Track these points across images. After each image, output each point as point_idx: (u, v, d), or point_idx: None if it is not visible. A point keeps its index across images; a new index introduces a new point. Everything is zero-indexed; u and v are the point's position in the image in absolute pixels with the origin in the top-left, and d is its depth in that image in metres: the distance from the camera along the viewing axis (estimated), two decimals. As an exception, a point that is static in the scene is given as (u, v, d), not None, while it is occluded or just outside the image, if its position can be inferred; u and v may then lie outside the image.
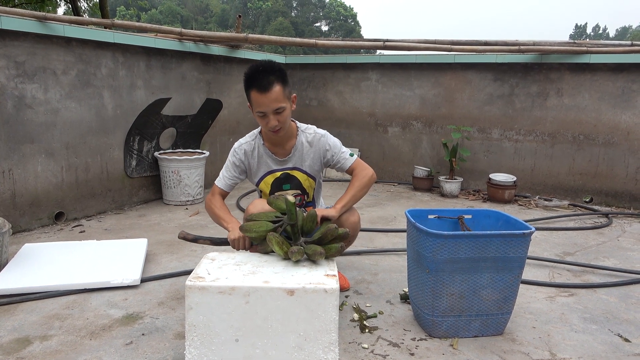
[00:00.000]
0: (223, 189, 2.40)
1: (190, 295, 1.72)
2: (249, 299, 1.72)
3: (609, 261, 3.15)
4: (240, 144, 2.40)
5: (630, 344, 2.09)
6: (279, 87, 2.12)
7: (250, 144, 2.39)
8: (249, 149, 2.38)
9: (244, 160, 2.39)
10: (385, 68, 5.67)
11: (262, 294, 1.71)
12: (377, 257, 3.15)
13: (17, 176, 3.45)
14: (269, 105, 2.11)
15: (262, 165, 2.39)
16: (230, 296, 1.72)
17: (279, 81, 2.12)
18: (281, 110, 2.15)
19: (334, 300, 1.72)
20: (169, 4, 46.80)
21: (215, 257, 2.02)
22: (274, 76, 2.11)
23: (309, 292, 1.71)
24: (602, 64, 4.56)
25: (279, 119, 2.16)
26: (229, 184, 2.41)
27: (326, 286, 1.72)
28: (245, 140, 2.41)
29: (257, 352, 1.74)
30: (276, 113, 2.14)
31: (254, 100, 2.14)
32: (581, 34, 63.33)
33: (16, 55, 3.34)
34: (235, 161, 2.38)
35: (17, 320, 2.19)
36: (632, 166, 4.60)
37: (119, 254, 2.88)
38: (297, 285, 1.72)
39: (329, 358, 1.75)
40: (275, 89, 2.10)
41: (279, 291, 1.71)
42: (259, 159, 2.39)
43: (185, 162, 4.35)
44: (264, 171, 2.40)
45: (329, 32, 50.45)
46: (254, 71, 2.12)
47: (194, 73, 4.84)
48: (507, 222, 2.23)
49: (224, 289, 1.72)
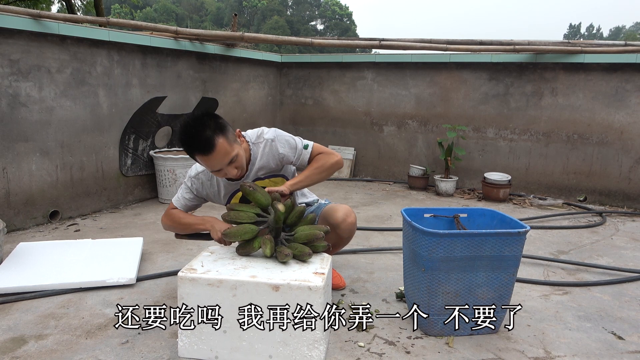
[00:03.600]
0: (180, 209, 2.27)
1: (182, 286, 1.80)
2: (236, 292, 1.77)
3: (603, 259, 3.18)
4: (197, 173, 2.24)
5: (624, 341, 2.10)
6: (222, 139, 1.92)
7: (206, 173, 2.22)
8: (206, 179, 2.24)
9: (201, 191, 2.25)
10: (380, 67, 5.68)
11: (249, 288, 1.76)
12: (372, 255, 3.16)
13: (12, 175, 3.43)
14: (220, 162, 1.95)
15: (222, 191, 2.25)
16: (219, 289, 1.78)
17: (218, 134, 1.92)
18: (235, 158, 1.99)
19: (318, 297, 1.74)
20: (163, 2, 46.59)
21: (215, 251, 2.08)
22: (210, 131, 1.90)
23: (294, 289, 1.74)
24: (596, 63, 4.59)
25: (236, 166, 2.02)
26: (188, 206, 2.27)
27: (310, 283, 1.74)
28: (201, 169, 2.23)
29: (244, 344, 1.80)
30: (231, 163, 1.99)
31: (203, 163, 1.99)
32: (575, 34, 63.61)
33: (10, 53, 3.32)
34: (193, 190, 2.25)
35: (12, 320, 2.18)
36: (626, 165, 4.63)
37: (115, 253, 2.87)
38: (282, 282, 1.75)
39: (314, 355, 1.77)
40: (219, 145, 1.91)
41: (265, 286, 1.76)
42: (218, 186, 2.24)
43: (181, 160, 4.34)
44: (226, 196, 2.27)
45: (324, 31, 50.44)
46: (187, 135, 1.92)
47: (189, 72, 4.83)
48: (502, 220, 2.25)
49: (212, 281, 1.78)
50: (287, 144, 2.20)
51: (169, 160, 4.33)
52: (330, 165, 2.21)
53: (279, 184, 2.27)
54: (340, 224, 2.27)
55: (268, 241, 1.95)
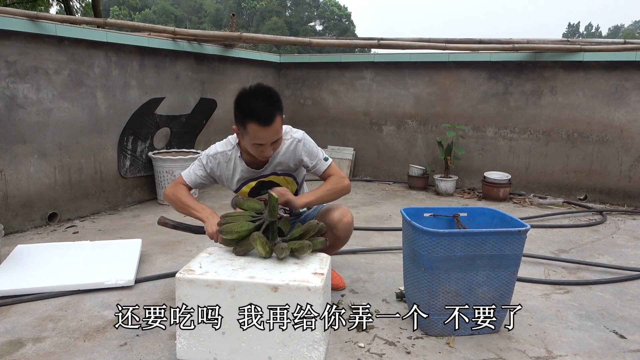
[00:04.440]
0: (189, 184, 2.29)
1: (180, 287, 1.78)
2: (234, 293, 1.76)
3: (604, 258, 3.16)
4: (215, 153, 2.24)
5: (626, 340, 2.09)
6: (279, 117, 1.99)
7: (225, 155, 2.24)
8: (224, 160, 2.24)
9: (215, 170, 2.25)
10: (379, 67, 5.67)
11: (247, 289, 1.75)
12: (372, 255, 3.14)
13: (9, 177, 3.41)
14: (269, 138, 1.99)
15: (237, 175, 2.26)
16: (217, 290, 1.76)
17: (278, 112, 1.98)
18: (279, 140, 2.07)
19: (318, 298, 1.72)
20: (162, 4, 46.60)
21: (213, 252, 2.06)
22: (275, 107, 1.96)
23: (293, 289, 1.73)
24: (595, 62, 4.58)
25: (274, 148, 2.07)
26: (197, 183, 2.29)
27: (310, 284, 1.73)
28: (221, 149, 2.24)
29: (243, 345, 1.78)
30: (274, 143, 2.05)
31: (252, 132, 1.97)
32: (574, 33, 63.62)
33: (7, 55, 3.30)
34: (207, 168, 2.26)
35: (10, 322, 2.17)
36: (626, 163, 4.62)
37: (113, 255, 2.86)
38: (281, 282, 1.74)
39: (313, 356, 1.76)
40: (276, 121, 1.97)
41: (263, 287, 1.74)
42: (234, 170, 2.25)
43: (180, 162, 4.33)
44: (239, 182, 2.28)
45: (323, 31, 50.42)
46: (253, 101, 1.94)
47: (187, 72, 4.81)
48: (503, 219, 2.23)
49: (210, 282, 1.76)
50: (311, 150, 2.26)
51: (168, 161, 4.31)
52: (341, 190, 2.26)
53: (290, 183, 2.35)
54: (336, 224, 2.26)
55: (257, 237, 1.92)
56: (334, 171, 2.30)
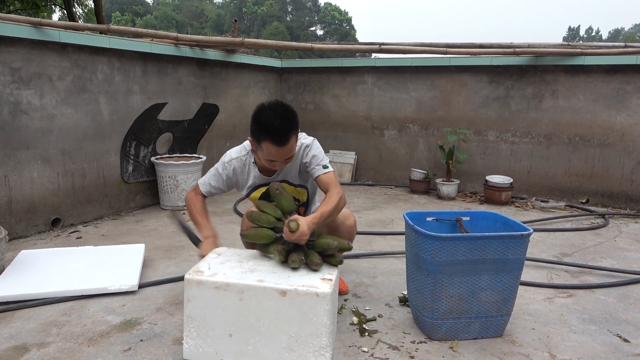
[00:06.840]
0: (204, 193, 2.35)
1: (188, 288, 1.78)
2: (242, 296, 1.76)
3: (607, 262, 3.16)
4: (230, 159, 2.29)
5: (630, 344, 2.09)
6: (294, 137, 2.01)
7: (240, 160, 2.28)
8: (239, 166, 2.29)
9: (231, 177, 2.30)
10: (381, 71, 5.68)
11: (256, 293, 1.75)
12: (375, 260, 3.14)
13: (13, 182, 3.43)
14: (283, 156, 2.02)
15: (250, 180, 2.30)
16: (225, 292, 1.76)
17: (294, 131, 1.99)
18: (291, 157, 2.09)
19: (326, 304, 1.72)
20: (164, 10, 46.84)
21: (222, 253, 2.07)
22: (291, 127, 1.97)
23: (301, 295, 1.72)
24: (596, 65, 4.59)
25: (286, 162, 2.11)
26: (212, 192, 2.35)
27: (318, 290, 1.72)
28: (236, 155, 2.29)
29: (250, 348, 1.78)
30: (287, 159, 2.08)
31: (266, 149, 1.99)
32: (574, 37, 63.74)
33: (11, 62, 3.33)
34: (223, 176, 2.30)
35: (14, 328, 2.18)
36: (628, 167, 4.62)
37: (117, 260, 2.87)
38: (289, 287, 1.73)
39: None
40: (291, 141, 1.99)
41: (272, 291, 1.74)
42: (248, 175, 2.30)
43: (182, 167, 4.34)
44: (251, 186, 2.32)
45: (324, 36, 50.60)
46: (270, 119, 1.93)
47: (190, 78, 4.84)
48: (505, 223, 2.24)
49: (219, 284, 1.76)
50: (314, 154, 2.22)
51: (171, 166, 4.33)
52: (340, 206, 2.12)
53: (302, 194, 2.38)
54: (338, 226, 2.27)
55: (277, 253, 1.91)
56: (332, 180, 2.18)
